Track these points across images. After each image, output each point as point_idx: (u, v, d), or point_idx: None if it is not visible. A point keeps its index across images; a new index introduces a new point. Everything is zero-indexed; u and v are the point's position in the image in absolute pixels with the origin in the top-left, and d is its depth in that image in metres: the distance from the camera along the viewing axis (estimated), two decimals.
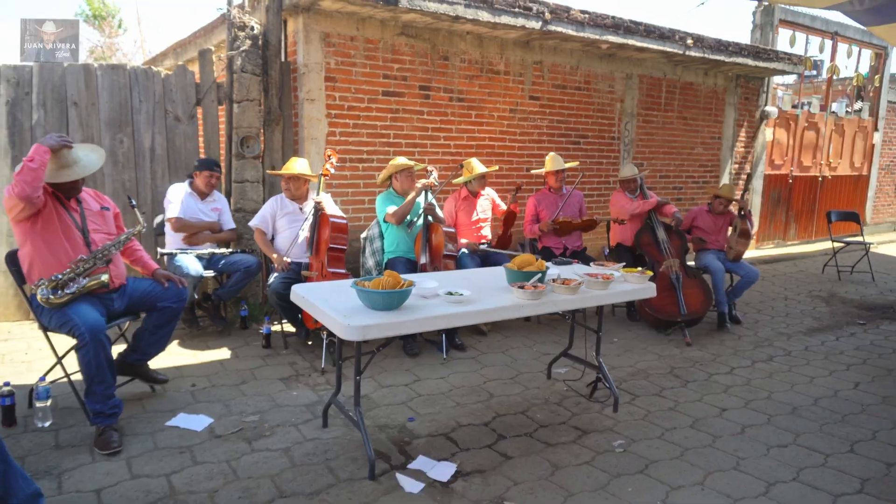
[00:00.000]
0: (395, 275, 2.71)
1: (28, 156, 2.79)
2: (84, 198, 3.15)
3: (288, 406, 3.38)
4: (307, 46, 5.09)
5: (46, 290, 2.84)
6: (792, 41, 8.51)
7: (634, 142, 7.45)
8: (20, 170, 2.76)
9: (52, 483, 2.53)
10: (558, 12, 5.76)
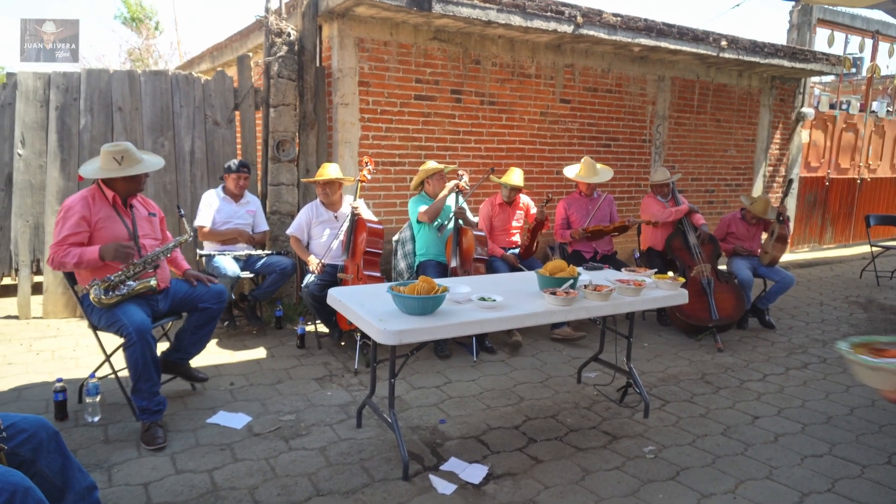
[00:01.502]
0: (430, 280, 2.76)
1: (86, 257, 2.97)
2: (135, 204, 3.29)
3: (322, 406, 3.47)
4: (341, 52, 5.18)
5: (99, 291, 2.98)
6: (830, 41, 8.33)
7: (666, 144, 7.39)
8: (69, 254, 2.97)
9: (103, 476, 2.65)
10: (590, 16, 5.75)
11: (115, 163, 3.11)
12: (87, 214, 3.04)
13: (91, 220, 3.06)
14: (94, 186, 3.17)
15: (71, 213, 3.02)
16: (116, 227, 3.13)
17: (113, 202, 3.16)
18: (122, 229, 3.14)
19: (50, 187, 4.78)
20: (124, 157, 3.13)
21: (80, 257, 2.98)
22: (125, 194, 3.20)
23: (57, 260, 2.98)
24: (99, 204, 3.11)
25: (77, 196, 3.11)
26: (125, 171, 3.12)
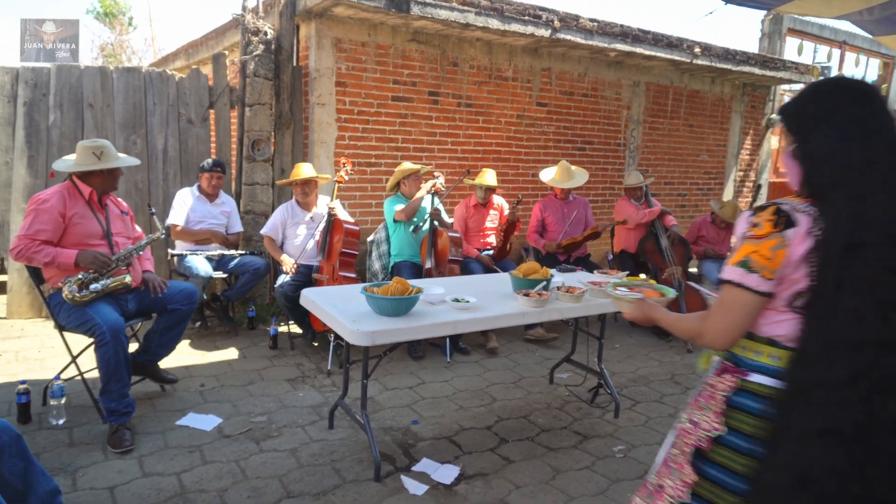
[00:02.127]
0: (404, 281, 2.77)
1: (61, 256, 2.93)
2: (108, 202, 3.26)
3: (295, 407, 3.45)
4: (319, 51, 5.16)
5: (73, 288, 2.94)
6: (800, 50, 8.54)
7: (640, 148, 7.50)
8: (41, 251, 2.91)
9: (67, 480, 2.60)
10: (567, 20, 5.81)
11: (93, 157, 3.09)
12: (62, 210, 3.00)
13: (66, 216, 3.01)
14: (67, 183, 3.13)
15: (46, 207, 2.97)
16: (90, 225, 3.09)
17: (88, 199, 3.12)
18: (95, 226, 3.10)
19: (16, 184, 4.67)
20: (103, 152, 3.12)
21: (53, 258, 2.93)
22: (102, 190, 3.17)
23: (26, 254, 2.91)
24: (74, 199, 3.07)
25: (52, 190, 3.06)
26: (103, 165, 3.09)
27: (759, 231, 1.32)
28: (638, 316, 1.77)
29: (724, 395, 1.39)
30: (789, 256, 1.28)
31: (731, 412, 1.37)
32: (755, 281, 1.31)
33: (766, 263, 1.29)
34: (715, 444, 1.37)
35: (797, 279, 1.29)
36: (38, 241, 2.94)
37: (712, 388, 1.43)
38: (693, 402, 1.48)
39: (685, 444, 1.42)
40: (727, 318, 1.36)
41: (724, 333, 1.37)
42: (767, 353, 1.36)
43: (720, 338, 1.39)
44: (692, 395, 1.51)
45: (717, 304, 1.39)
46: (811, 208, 1.31)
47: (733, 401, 1.37)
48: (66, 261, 2.95)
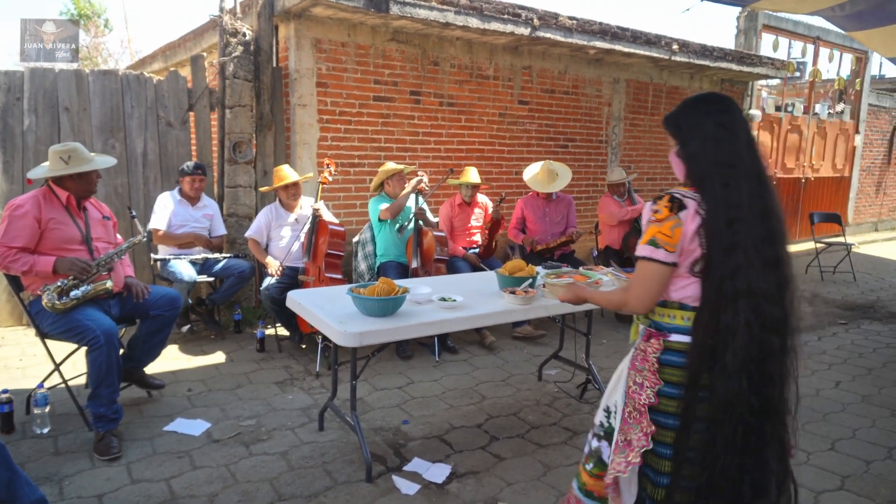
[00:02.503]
0: (390, 281, 2.77)
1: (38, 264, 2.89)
2: (88, 206, 3.20)
3: (284, 410, 3.43)
4: (298, 52, 5.13)
5: (52, 296, 2.88)
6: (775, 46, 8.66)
7: (622, 145, 7.56)
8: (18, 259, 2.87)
9: (54, 489, 2.56)
10: (547, 19, 5.85)
11: (62, 162, 3.02)
12: (37, 215, 2.94)
13: (42, 221, 2.95)
14: (44, 188, 3.07)
15: (20, 213, 2.91)
16: (68, 230, 3.03)
17: (66, 203, 3.06)
18: (74, 231, 3.04)
19: None
20: (71, 156, 3.04)
21: (31, 266, 2.88)
22: (78, 195, 3.10)
23: (3, 262, 2.87)
24: (50, 204, 3.02)
25: (27, 196, 3.00)
26: (72, 169, 3.02)
27: (659, 216, 1.63)
28: (570, 297, 2.06)
29: (654, 356, 1.67)
30: (684, 232, 1.60)
31: (662, 369, 1.66)
32: (662, 254, 1.61)
33: (668, 240, 1.60)
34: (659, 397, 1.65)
35: (693, 249, 1.60)
36: (15, 248, 2.88)
37: (643, 352, 1.71)
38: (631, 367, 1.74)
39: (638, 403, 1.68)
40: (645, 287, 1.66)
41: (644, 299, 1.67)
42: (680, 315, 1.67)
43: (641, 304, 1.68)
44: (628, 362, 1.77)
45: (635, 277, 1.69)
46: (695, 195, 1.62)
47: (662, 359, 1.66)
48: (44, 268, 2.90)
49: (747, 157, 1.61)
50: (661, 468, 1.66)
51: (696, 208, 1.60)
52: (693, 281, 1.62)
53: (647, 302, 1.67)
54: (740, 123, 1.64)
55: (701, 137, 1.63)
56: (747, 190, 1.58)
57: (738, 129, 1.63)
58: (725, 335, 1.55)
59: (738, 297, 1.54)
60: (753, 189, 1.59)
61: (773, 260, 1.59)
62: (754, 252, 1.55)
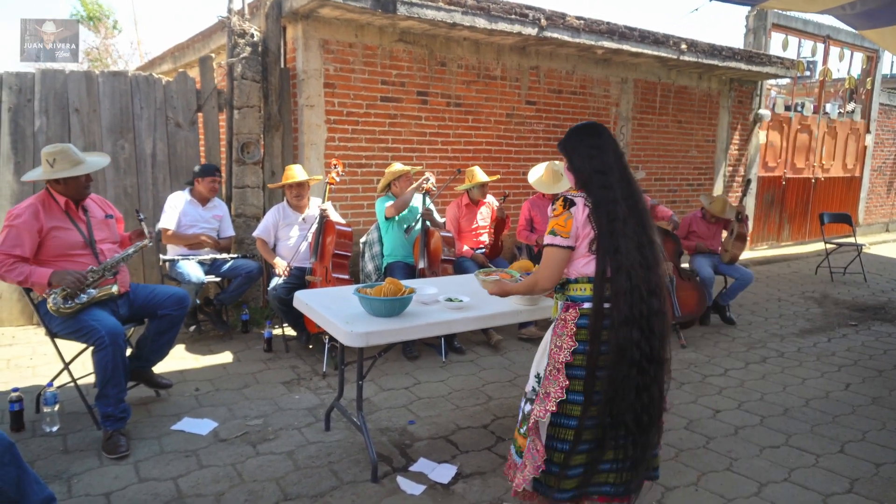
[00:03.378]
0: (397, 282, 2.77)
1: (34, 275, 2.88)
2: (90, 206, 3.19)
3: (290, 409, 3.44)
4: (306, 53, 5.15)
5: (57, 300, 2.89)
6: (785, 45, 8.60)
7: (630, 145, 7.53)
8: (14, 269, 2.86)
9: (63, 487, 2.58)
10: (554, 19, 5.83)
11: (48, 165, 2.99)
12: (37, 223, 2.92)
13: (43, 229, 2.94)
14: (44, 192, 3.07)
15: (18, 223, 2.89)
16: (71, 235, 3.03)
17: (65, 207, 3.05)
18: (76, 236, 3.04)
19: (3, 191, 4.63)
20: (56, 158, 3.00)
21: (26, 277, 2.87)
22: (73, 197, 3.08)
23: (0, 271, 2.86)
24: (49, 210, 3.00)
25: (25, 204, 2.98)
26: (55, 174, 2.98)
27: (556, 213, 2.12)
28: (497, 290, 2.50)
29: (573, 322, 2.08)
30: (576, 222, 2.08)
31: (578, 331, 2.07)
32: (560, 240, 2.09)
33: (562, 229, 2.09)
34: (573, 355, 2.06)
35: (587, 233, 2.08)
36: (13, 257, 2.87)
37: (564, 321, 2.11)
38: (553, 334, 2.15)
39: (558, 361, 2.08)
40: (549, 268, 2.13)
41: (549, 277, 2.14)
42: (589, 287, 2.09)
43: (547, 281, 2.16)
44: (550, 331, 2.18)
45: (542, 261, 2.15)
46: (582, 194, 2.13)
47: (579, 323, 2.08)
48: (40, 280, 2.88)
49: (616, 167, 2.11)
50: (572, 412, 2.07)
51: (584, 202, 2.09)
52: (592, 258, 2.08)
53: (552, 279, 2.14)
54: (608, 143, 2.15)
55: (579, 156, 2.15)
56: (620, 190, 2.07)
57: (607, 148, 2.14)
58: (616, 297, 2.01)
59: (621, 268, 2.00)
60: (625, 190, 2.09)
61: (645, 241, 2.07)
62: (630, 234, 2.04)
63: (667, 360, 2.12)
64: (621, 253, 2.01)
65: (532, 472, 2.10)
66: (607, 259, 2.02)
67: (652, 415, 2.08)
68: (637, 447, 2.09)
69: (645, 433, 2.08)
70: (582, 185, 2.15)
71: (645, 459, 2.14)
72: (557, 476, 2.10)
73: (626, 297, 2.00)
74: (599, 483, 2.15)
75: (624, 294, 2.00)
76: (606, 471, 2.12)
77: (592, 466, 2.11)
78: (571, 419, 2.07)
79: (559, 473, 2.10)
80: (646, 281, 2.04)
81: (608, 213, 2.04)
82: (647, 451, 2.14)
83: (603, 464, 2.11)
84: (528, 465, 2.12)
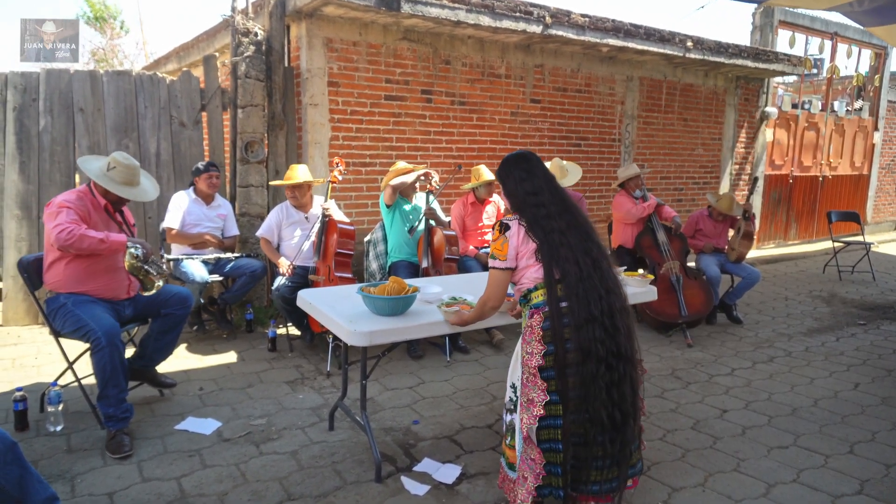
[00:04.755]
0: (400, 281, 2.75)
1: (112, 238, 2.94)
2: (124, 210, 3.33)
3: (294, 409, 3.43)
4: (310, 52, 5.13)
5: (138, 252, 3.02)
6: (791, 42, 8.54)
7: (635, 143, 7.49)
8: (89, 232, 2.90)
9: (66, 486, 2.58)
10: (559, 16, 5.80)
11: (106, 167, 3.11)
12: (84, 212, 3.01)
13: (90, 220, 3.03)
14: (85, 188, 3.14)
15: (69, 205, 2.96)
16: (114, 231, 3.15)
17: (105, 208, 3.16)
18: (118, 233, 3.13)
19: (8, 190, 4.63)
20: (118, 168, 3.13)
21: (105, 237, 2.93)
22: (116, 206, 3.23)
23: (76, 233, 2.85)
24: (92, 207, 3.09)
25: (70, 194, 3.06)
26: (106, 182, 3.09)
27: (493, 237, 2.33)
28: (457, 321, 2.59)
29: (539, 326, 2.17)
30: (512, 242, 2.26)
31: (545, 334, 2.15)
32: (499, 263, 2.29)
33: (500, 252, 2.29)
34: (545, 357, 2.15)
35: (530, 246, 2.24)
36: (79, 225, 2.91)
37: (531, 328, 2.20)
38: (523, 342, 2.24)
39: (531, 367, 2.16)
40: (494, 288, 2.35)
41: (496, 296, 2.36)
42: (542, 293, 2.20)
43: (495, 299, 2.37)
44: (519, 340, 2.28)
45: (488, 284, 2.35)
46: (515, 217, 2.32)
47: (544, 326, 2.16)
48: (118, 240, 2.96)
49: (546, 188, 2.30)
50: (557, 412, 2.14)
51: (518, 222, 2.28)
52: (539, 265, 2.21)
53: (498, 298, 2.36)
54: (537, 168, 2.36)
55: (512, 180, 2.35)
56: (553, 207, 2.25)
57: (535, 171, 2.34)
58: (571, 297, 2.12)
59: (569, 270, 2.14)
60: (558, 206, 2.26)
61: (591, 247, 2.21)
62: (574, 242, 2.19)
63: (636, 357, 2.22)
64: (565, 258, 2.15)
65: (534, 482, 2.14)
66: (552, 262, 2.16)
67: (625, 412, 2.15)
68: (615, 444, 2.16)
69: (620, 431, 2.15)
70: (516, 209, 2.34)
71: (625, 457, 2.20)
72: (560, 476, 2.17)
73: (583, 297, 2.11)
74: (587, 481, 2.22)
75: (578, 294, 2.11)
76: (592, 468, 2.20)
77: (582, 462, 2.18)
78: (558, 419, 2.15)
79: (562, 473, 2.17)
80: (601, 280, 2.16)
81: (543, 227, 2.21)
82: (626, 448, 2.19)
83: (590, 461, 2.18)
84: (527, 477, 2.16)
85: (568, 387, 2.11)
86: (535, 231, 2.22)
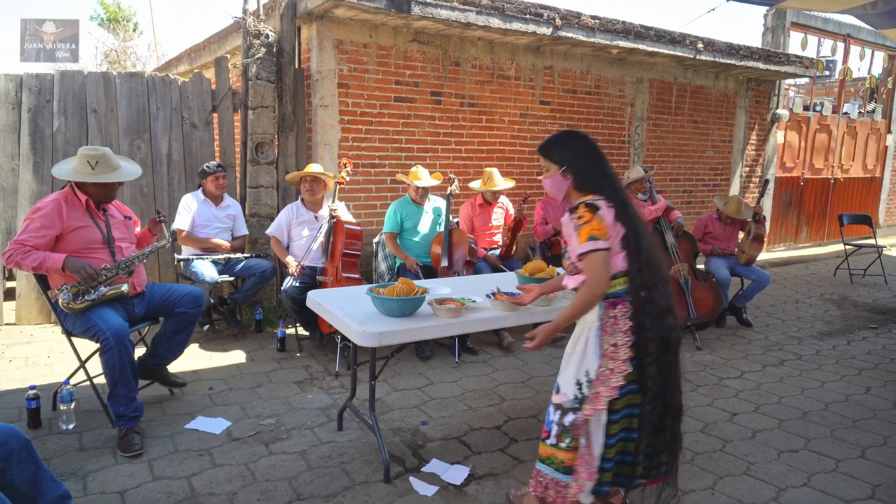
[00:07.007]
0: (409, 282, 2.76)
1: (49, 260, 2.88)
2: (109, 207, 3.24)
3: (303, 409, 3.44)
4: (321, 53, 5.16)
5: (68, 296, 2.92)
6: (804, 44, 8.48)
7: (644, 145, 7.47)
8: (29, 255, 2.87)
9: (78, 484, 2.60)
10: (569, 18, 5.80)
11: (88, 167, 3.05)
12: (56, 219, 2.96)
13: (63, 224, 2.98)
14: (67, 189, 3.11)
15: (39, 216, 2.94)
16: (90, 232, 3.07)
17: (86, 206, 3.09)
18: (95, 233, 3.08)
19: (23, 191, 4.69)
20: (99, 161, 3.06)
21: (41, 262, 2.88)
22: (97, 200, 3.13)
23: (15, 258, 2.88)
24: (72, 207, 3.04)
25: (49, 199, 3.04)
26: (97, 178, 3.04)
27: (584, 219, 2.14)
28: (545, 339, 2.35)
29: (626, 318, 2.14)
30: (607, 223, 2.14)
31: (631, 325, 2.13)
32: (602, 243, 2.12)
33: (599, 232, 2.12)
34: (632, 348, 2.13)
35: (618, 231, 2.15)
36: (28, 246, 2.89)
37: (613, 318, 2.15)
38: (604, 334, 2.16)
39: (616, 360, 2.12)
40: (599, 272, 2.12)
41: (603, 280, 2.13)
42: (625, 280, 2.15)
43: (602, 285, 2.13)
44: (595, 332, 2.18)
45: (589, 270, 2.13)
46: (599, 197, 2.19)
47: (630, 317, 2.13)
48: (54, 265, 2.89)
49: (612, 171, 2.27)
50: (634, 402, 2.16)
51: (606, 204, 2.16)
52: (623, 253, 2.15)
53: (605, 282, 2.14)
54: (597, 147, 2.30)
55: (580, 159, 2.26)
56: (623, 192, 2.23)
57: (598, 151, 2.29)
58: (651, 287, 2.13)
59: (650, 260, 2.15)
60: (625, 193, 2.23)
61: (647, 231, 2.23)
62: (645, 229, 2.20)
63: None
64: (643, 246, 2.14)
65: (588, 479, 2.14)
66: (639, 252, 2.14)
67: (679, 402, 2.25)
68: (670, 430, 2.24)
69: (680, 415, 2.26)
70: (592, 189, 2.24)
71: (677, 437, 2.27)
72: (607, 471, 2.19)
73: (660, 287, 2.14)
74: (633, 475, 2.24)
75: (656, 284, 2.14)
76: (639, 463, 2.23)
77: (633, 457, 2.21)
78: (615, 413, 2.15)
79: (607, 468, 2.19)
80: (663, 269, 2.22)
81: (628, 213, 2.17)
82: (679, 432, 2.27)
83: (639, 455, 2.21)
84: (582, 473, 2.16)
85: (647, 376, 2.13)
86: (622, 218, 2.14)
